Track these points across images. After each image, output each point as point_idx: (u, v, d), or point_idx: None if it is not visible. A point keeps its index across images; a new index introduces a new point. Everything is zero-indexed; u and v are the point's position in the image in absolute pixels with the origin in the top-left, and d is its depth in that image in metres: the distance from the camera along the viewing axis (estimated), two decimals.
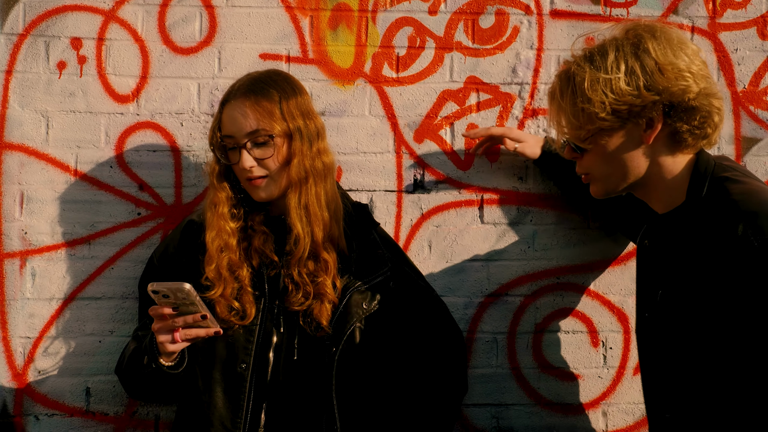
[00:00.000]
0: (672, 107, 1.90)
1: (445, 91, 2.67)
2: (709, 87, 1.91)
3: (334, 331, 2.19)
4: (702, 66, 1.92)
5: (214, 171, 2.25)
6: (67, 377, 2.56)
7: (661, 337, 2.01)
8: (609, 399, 2.69)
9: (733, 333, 1.81)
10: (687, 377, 1.93)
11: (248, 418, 2.16)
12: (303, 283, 2.19)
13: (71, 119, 2.58)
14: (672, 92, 1.88)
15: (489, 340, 2.66)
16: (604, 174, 2.01)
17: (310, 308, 2.18)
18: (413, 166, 2.66)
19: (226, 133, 2.20)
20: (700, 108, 1.90)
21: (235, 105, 2.19)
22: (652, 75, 1.87)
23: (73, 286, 2.56)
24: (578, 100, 1.92)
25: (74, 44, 2.58)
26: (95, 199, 2.57)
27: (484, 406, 2.65)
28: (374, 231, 2.36)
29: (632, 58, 1.89)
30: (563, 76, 1.99)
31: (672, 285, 1.97)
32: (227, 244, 2.20)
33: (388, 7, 2.66)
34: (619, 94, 1.89)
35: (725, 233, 1.81)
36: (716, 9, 2.71)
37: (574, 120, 1.95)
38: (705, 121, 1.92)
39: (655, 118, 1.91)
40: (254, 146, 2.18)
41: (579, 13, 2.70)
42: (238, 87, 2.23)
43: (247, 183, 2.22)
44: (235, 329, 2.17)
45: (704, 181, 1.93)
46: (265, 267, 2.23)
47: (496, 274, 2.67)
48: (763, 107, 2.72)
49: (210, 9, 2.62)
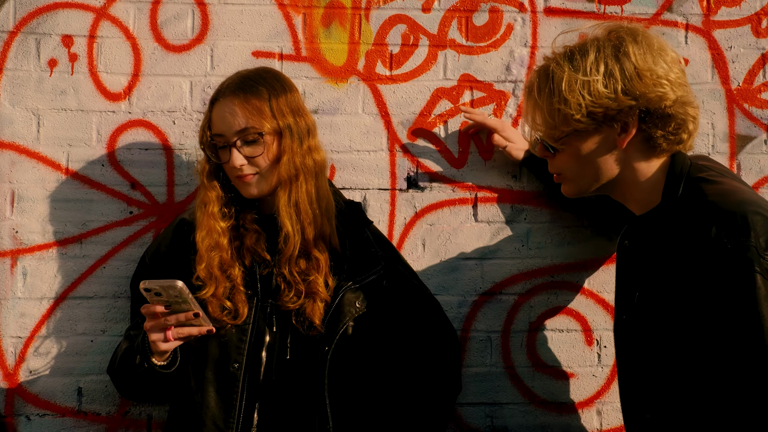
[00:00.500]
0: (648, 113, 1.90)
1: (439, 89, 2.66)
2: (685, 95, 1.92)
3: (326, 330, 2.18)
4: (680, 74, 1.92)
5: (204, 170, 2.24)
6: (59, 377, 2.54)
7: (639, 338, 2.00)
8: (603, 398, 2.68)
9: (705, 334, 1.81)
10: (665, 378, 1.93)
11: (241, 417, 2.15)
12: (295, 282, 2.18)
13: (62, 117, 2.56)
14: (649, 98, 1.88)
15: (483, 339, 2.65)
16: (576, 175, 2.01)
17: (303, 307, 2.17)
18: (407, 164, 2.65)
19: (216, 131, 2.19)
20: (676, 116, 1.90)
21: (224, 103, 2.18)
22: (631, 80, 1.88)
23: (65, 286, 2.55)
24: (555, 100, 1.92)
25: (65, 42, 2.56)
26: (87, 197, 2.56)
27: (478, 405, 2.64)
28: (367, 229, 2.35)
29: (612, 60, 1.89)
30: (542, 73, 1.98)
31: (648, 287, 1.96)
32: (218, 243, 2.18)
33: (382, 5, 2.65)
34: (596, 96, 1.88)
35: (699, 235, 1.80)
36: (710, 6, 2.71)
37: (549, 119, 1.95)
38: (680, 128, 1.92)
39: (630, 122, 1.91)
40: (244, 144, 2.16)
41: (573, 10, 2.69)
42: (227, 85, 2.22)
43: (237, 180, 2.21)
44: (227, 329, 2.16)
45: (680, 182, 1.93)
46: (257, 266, 2.22)
47: (490, 273, 2.66)
48: (758, 105, 2.71)
49: (202, 6, 2.61)
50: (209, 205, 2.20)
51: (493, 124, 2.60)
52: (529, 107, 2.02)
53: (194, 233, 2.20)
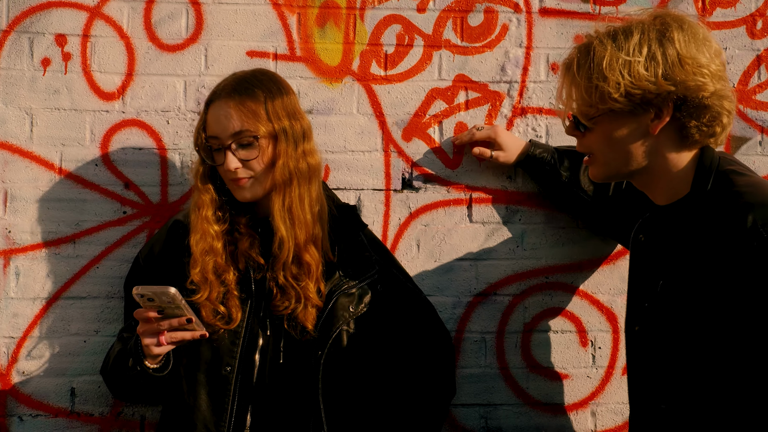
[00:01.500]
0: (684, 101, 1.88)
1: (434, 90, 2.66)
2: (723, 89, 1.90)
3: (320, 334, 2.17)
4: (720, 67, 1.91)
5: (199, 172, 2.23)
6: (52, 377, 2.53)
7: (660, 326, 1.99)
8: (598, 399, 2.68)
9: (737, 322, 1.81)
10: (686, 366, 1.92)
11: (233, 420, 2.15)
12: (287, 287, 2.17)
13: (56, 117, 2.55)
14: (688, 86, 1.87)
15: (477, 340, 2.65)
16: (606, 157, 1.99)
17: (295, 312, 2.16)
18: (401, 164, 2.65)
19: (211, 133, 2.18)
20: (712, 107, 1.89)
21: (219, 105, 2.17)
22: (672, 66, 1.86)
23: (58, 286, 2.54)
24: (594, 77, 1.90)
25: (59, 41, 2.55)
26: (80, 197, 2.55)
27: (473, 406, 2.64)
28: (362, 233, 2.35)
29: (656, 44, 1.88)
30: (583, 50, 1.96)
31: (674, 275, 1.96)
32: (212, 247, 2.18)
33: (377, 5, 2.64)
34: (636, 77, 1.87)
35: (733, 224, 1.81)
36: (705, 7, 2.71)
37: (586, 96, 1.93)
38: (714, 121, 1.91)
39: (665, 109, 1.89)
40: (239, 147, 2.16)
41: (568, 11, 2.69)
42: (222, 87, 2.21)
43: (232, 183, 2.20)
44: (220, 333, 2.15)
45: (710, 174, 1.93)
46: (251, 269, 2.21)
47: (485, 274, 2.66)
48: (753, 106, 2.71)
49: (196, 6, 2.60)
50: (203, 209, 2.19)
51: (483, 137, 2.59)
52: (565, 83, 2.00)
53: (189, 236, 2.19)
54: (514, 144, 2.59)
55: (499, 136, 2.58)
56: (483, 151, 2.59)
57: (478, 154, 2.59)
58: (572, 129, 2.04)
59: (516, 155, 2.58)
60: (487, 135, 2.59)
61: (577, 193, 2.53)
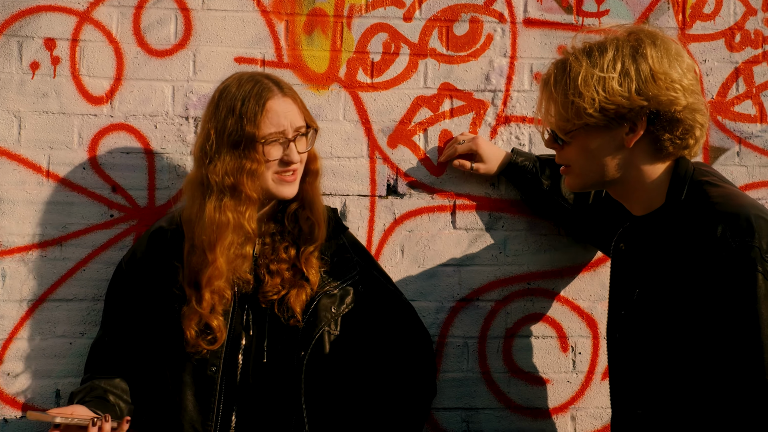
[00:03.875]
0: (657, 115, 1.93)
1: (419, 97, 2.69)
2: (696, 103, 1.95)
3: (302, 334, 2.20)
4: (693, 81, 1.96)
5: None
6: (37, 379, 2.54)
7: (636, 333, 2.03)
8: (578, 403, 2.72)
9: (704, 329, 1.85)
10: (660, 373, 1.96)
11: (219, 420, 2.17)
12: (280, 271, 2.22)
13: (44, 120, 2.57)
14: (660, 101, 1.91)
15: (460, 345, 2.68)
16: (582, 169, 2.05)
17: (287, 297, 2.20)
18: (387, 171, 2.68)
19: (275, 129, 2.18)
20: (684, 121, 1.94)
21: (278, 102, 2.20)
22: (645, 81, 1.91)
23: (44, 288, 2.55)
24: (570, 93, 1.95)
25: (48, 45, 2.57)
26: (67, 200, 2.56)
27: (455, 410, 2.67)
28: (343, 236, 2.39)
29: (629, 60, 1.93)
30: (560, 66, 2.01)
31: (649, 284, 2.00)
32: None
33: (363, 13, 2.67)
34: (610, 93, 1.92)
35: (704, 234, 1.85)
36: (686, 20, 2.76)
37: (563, 111, 1.98)
38: (687, 134, 1.96)
39: (639, 123, 1.94)
40: (297, 139, 2.22)
41: (552, 22, 2.73)
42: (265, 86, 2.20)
43: (282, 178, 2.22)
44: (202, 354, 2.17)
45: (684, 185, 1.97)
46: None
47: (468, 279, 2.69)
48: (731, 117, 2.76)
49: (185, 12, 2.62)
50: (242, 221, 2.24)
51: (464, 150, 2.63)
52: (543, 98, 2.06)
53: (182, 242, 2.22)
54: (494, 155, 2.63)
55: (480, 147, 2.62)
56: (463, 163, 2.63)
57: (458, 166, 2.64)
58: (551, 142, 2.09)
59: (497, 165, 2.62)
60: (468, 148, 2.62)
61: (558, 201, 2.57)
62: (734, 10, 2.76)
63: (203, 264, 2.16)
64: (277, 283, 2.21)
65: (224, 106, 2.18)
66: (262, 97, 2.18)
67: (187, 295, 2.17)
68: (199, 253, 2.17)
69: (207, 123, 2.22)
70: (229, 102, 2.17)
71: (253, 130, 2.15)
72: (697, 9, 2.75)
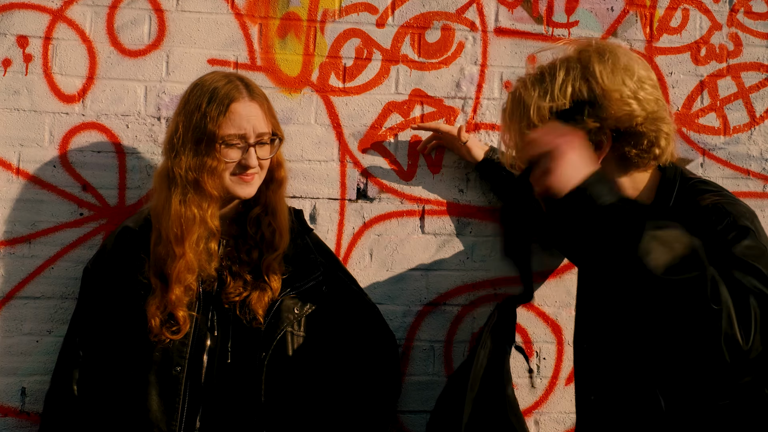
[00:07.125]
0: (619, 132, 1.91)
1: (391, 103, 2.72)
2: (656, 111, 1.92)
3: (264, 335, 2.22)
4: (651, 90, 1.93)
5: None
6: (2, 377, 2.54)
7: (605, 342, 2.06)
8: (541, 408, 2.75)
9: None
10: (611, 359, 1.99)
11: (183, 421, 2.17)
12: (243, 273, 2.24)
13: (15, 117, 2.56)
14: (618, 118, 1.89)
15: (426, 348, 2.71)
16: None
17: (249, 299, 2.21)
18: (357, 175, 2.70)
19: (235, 132, 2.18)
20: (647, 133, 1.92)
21: (244, 106, 2.20)
22: (597, 101, 1.88)
23: (12, 285, 2.54)
24: (524, 125, 1.93)
25: (20, 42, 2.57)
26: (37, 198, 2.56)
27: (420, 413, 2.69)
28: (307, 236, 2.40)
29: (580, 81, 1.90)
30: (514, 97, 1.99)
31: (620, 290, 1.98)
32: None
33: (337, 18, 2.70)
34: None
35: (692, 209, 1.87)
36: (653, 33, 2.80)
37: (520, 143, 1.95)
38: (652, 145, 1.94)
39: (604, 141, 1.91)
40: (259, 146, 2.22)
41: (522, 31, 2.77)
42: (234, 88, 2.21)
43: (239, 179, 2.22)
44: (166, 343, 2.17)
45: (673, 188, 1.96)
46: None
47: (435, 284, 2.72)
48: (695, 129, 2.81)
49: (159, 12, 2.63)
50: None
51: (446, 128, 2.66)
52: (503, 128, 2.04)
53: (148, 240, 2.22)
54: (478, 144, 2.66)
55: (462, 131, 2.64)
56: (463, 133, 2.63)
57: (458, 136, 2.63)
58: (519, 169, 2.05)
59: (481, 156, 2.64)
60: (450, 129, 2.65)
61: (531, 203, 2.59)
62: (700, 24, 2.81)
63: (170, 256, 2.16)
64: (239, 285, 2.23)
65: (193, 101, 2.19)
66: (228, 97, 2.18)
67: (153, 284, 2.18)
68: (165, 244, 2.17)
69: (177, 116, 2.23)
70: (198, 98, 2.19)
71: (214, 128, 2.16)
72: (664, 22, 2.80)
